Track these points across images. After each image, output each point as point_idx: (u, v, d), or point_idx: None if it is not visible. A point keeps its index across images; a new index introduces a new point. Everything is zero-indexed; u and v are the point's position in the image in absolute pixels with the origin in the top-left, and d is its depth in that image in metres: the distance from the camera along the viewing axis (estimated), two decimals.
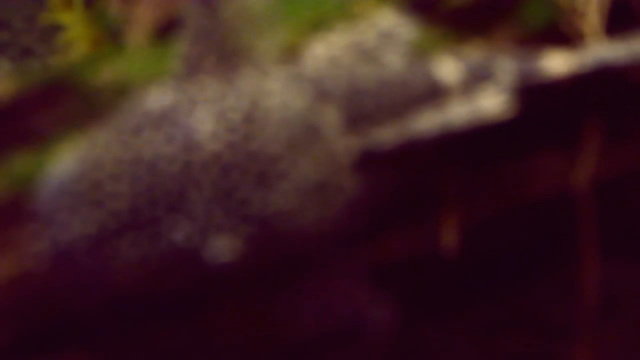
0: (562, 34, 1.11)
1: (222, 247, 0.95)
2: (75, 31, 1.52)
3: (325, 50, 1.02)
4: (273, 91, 0.99)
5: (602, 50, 1.06)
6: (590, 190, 1.11)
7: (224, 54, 1.01)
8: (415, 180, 1.05)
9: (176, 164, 0.96)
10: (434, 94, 1.02)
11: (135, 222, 0.96)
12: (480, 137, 1.02)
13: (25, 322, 1.04)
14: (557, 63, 1.05)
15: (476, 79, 1.03)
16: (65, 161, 0.98)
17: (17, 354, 1.05)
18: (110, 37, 1.44)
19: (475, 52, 1.05)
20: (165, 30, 1.20)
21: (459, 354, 1.14)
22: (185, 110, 0.98)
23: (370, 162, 1.00)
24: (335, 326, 1.03)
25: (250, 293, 1.00)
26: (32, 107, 1.07)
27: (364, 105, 1.01)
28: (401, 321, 1.11)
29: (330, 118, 1.00)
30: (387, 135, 1.01)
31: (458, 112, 1.02)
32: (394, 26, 1.04)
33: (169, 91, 1.00)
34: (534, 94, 1.06)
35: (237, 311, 1.03)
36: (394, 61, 1.03)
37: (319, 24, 1.07)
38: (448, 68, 1.03)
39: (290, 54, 1.03)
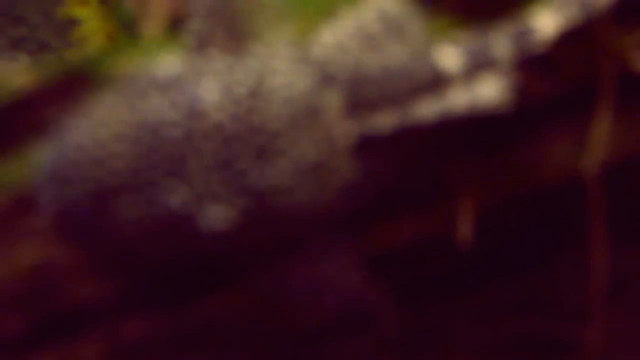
0: None
1: (217, 216, 0.95)
2: (91, 25, 1.54)
3: (332, 36, 1.03)
4: (279, 70, 0.99)
5: None
6: (600, 175, 1.11)
7: (233, 31, 1.01)
8: (414, 166, 1.06)
9: (179, 130, 0.96)
10: (437, 81, 1.02)
11: (134, 183, 0.96)
12: (481, 123, 1.03)
13: (42, 307, 1.06)
14: (546, 23, 1.04)
15: (476, 65, 1.03)
16: (74, 120, 0.99)
17: (33, 340, 1.07)
18: (125, 30, 1.46)
19: (472, 37, 1.05)
20: (178, 22, 1.21)
21: (469, 336, 1.15)
22: (192, 80, 0.98)
23: (368, 146, 1.01)
24: (325, 306, 1.04)
25: (241, 264, 1.01)
26: (51, 98, 1.08)
27: (366, 91, 1.01)
28: (408, 304, 1.12)
29: (333, 101, 1.00)
30: (386, 120, 1.01)
31: (458, 99, 1.02)
32: (399, 14, 1.04)
33: (178, 61, 1.01)
34: (534, 67, 1.07)
35: (229, 284, 1.04)
36: (398, 49, 1.03)
37: (329, 10, 1.07)
38: (450, 56, 1.03)
39: (300, 37, 1.04)
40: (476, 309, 1.15)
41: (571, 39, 1.06)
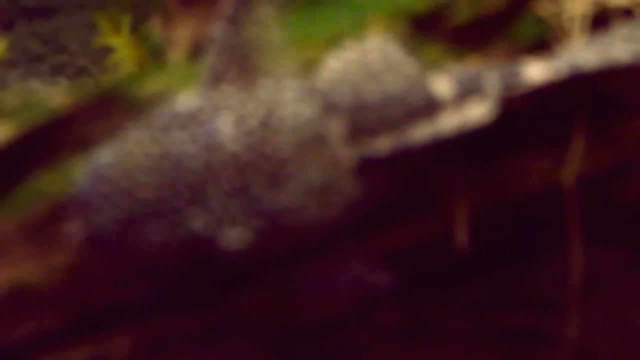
0: (551, 50, 1.15)
1: (235, 237, 1.00)
2: (123, 52, 1.59)
3: (335, 67, 1.08)
4: (286, 101, 1.04)
5: (574, 55, 1.11)
6: (576, 186, 1.17)
7: (245, 66, 1.05)
8: (409, 183, 1.10)
9: (198, 161, 1.00)
10: (430, 108, 1.07)
11: (160, 210, 1.00)
12: (469, 142, 1.08)
13: (77, 305, 1.12)
14: (535, 72, 1.10)
15: (466, 92, 1.07)
16: (104, 153, 1.03)
17: (70, 336, 1.13)
18: (153, 56, 1.51)
19: (465, 68, 1.10)
20: (201, 49, 1.24)
21: (460, 328, 1.21)
22: (209, 114, 1.02)
23: (369, 167, 1.06)
24: (337, 293, 1.08)
25: (259, 277, 1.07)
26: (86, 117, 1.14)
27: (367, 118, 1.05)
28: (403, 303, 1.17)
29: (336, 128, 1.05)
30: (384, 144, 1.06)
31: (448, 122, 1.07)
32: (397, 52, 1.09)
33: (195, 97, 1.05)
34: (518, 101, 1.12)
35: (249, 294, 1.10)
36: (396, 80, 1.07)
37: (333, 43, 1.12)
38: (442, 84, 1.08)
39: (308, 68, 1.09)
40: (466, 305, 1.21)
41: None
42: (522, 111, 1.15)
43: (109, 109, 1.15)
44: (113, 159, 1.02)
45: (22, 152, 1.14)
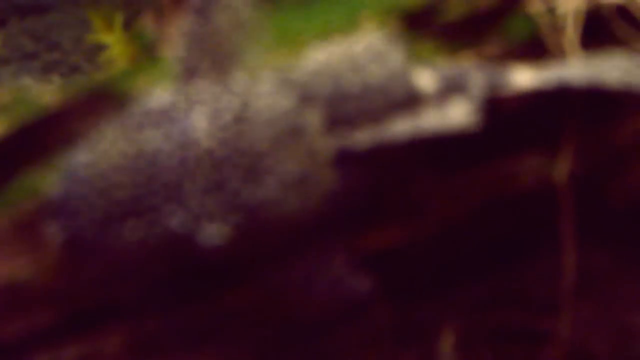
0: (543, 47, 1.16)
1: (213, 232, 1.00)
2: (116, 49, 1.58)
3: (318, 59, 1.06)
4: (262, 94, 1.02)
5: (564, 71, 1.11)
6: (569, 185, 1.17)
7: (217, 59, 1.04)
8: (387, 177, 1.10)
9: (173, 158, 0.99)
10: (411, 101, 1.06)
11: (137, 210, 0.99)
12: (453, 140, 1.07)
13: (67, 302, 1.12)
14: (522, 78, 1.10)
15: (449, 89, 1.07)
16: (79, 153, 1.02)
17: (62, 332, 1.13)
18: (146, 52, 1.50)
19: (450, 65, 1.10)
20: None
21: (454, 327, 1.20)
22: (183, 110, 1.01)
23: (347, 159, 1.04)
24: (314, 301, 1.08)
25: (238, 273, 1.06)
26: (77, 114, 1.14)
27: (345, 109, 1.04)
28: (399, 300, 1.17)
29: (314, 120, 1.04)
30: (363, 136, 1.05)
31: (429, 119, 1.05)
32: (383, 44, 1.08)
33: (168, 93, 1.04)
34: (500, 104, 1.12)
35: (226, 292, 1.10)
36: (378, 70, 1.06)
37: (326, 38, 1.12)
38: (425, 78, 1.07)
39: (285, 62, 1.08)
40: (457, 305, 1.21)
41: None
42: (511, 111, 1.15)
43: (100, 105, 1.15)
44: (88, 159, 1.01)
45: (13, 149, 1.14)
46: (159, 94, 1.05)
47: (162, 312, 1.13)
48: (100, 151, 1.01)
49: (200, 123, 1.01)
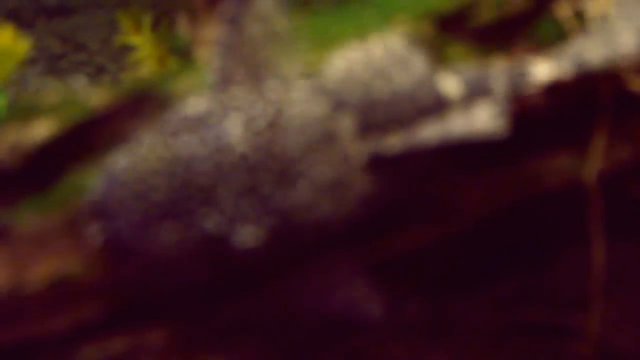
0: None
1: (247, 235, 1.03)
2: (144, 51, 1.62)
3: (342, 66, 1.08)
4: (295, 101, 1.05)
5: (581, 53, 1.11)
6: (597, 183, 1.19)
7: (251, 67, 1.06)
8: (417, 181, 1.12)
9: (209, 163, 1.02)
10: (438, 106, 1.08)
11: (174, 212, 1.02)
12: (478, 144, 1.09)
13: (113, 298, 1.14)
14: (542, 71, 1.11)
15: (474, 92, 1.09)
16: (117, 157, 1.06)
17: (109, 326, 1.16)
18: (181, 55, 1.53)
19: (474, 68, 1.11)
20: None
21: (480, 324, 1.23)
22: (218, 117, 1.04)
23: (380, 164, 1.07)
24: (330, 313, 1.10)
25: (270, 277, 1.08)
26: (122, 115, 1.17)
27: (376, 116, 1.06)
28: (427, 297, 1.20)
29: (345, 126, 1.06)
30: (395, 141, 1.07)
31: (456, 124, 1.08)
32: (404, 50, 1.09)
33: (204, 99, 1.07)
34: (528, 101, 1.14)
35: (259, 293, 1.11)
36: (404, 77, 1.08)
37: (336, 41, 1.14)
38: (450, 83, 1.09)
39: (311, 66, 1.10)
40: (487, 302, 1.23)
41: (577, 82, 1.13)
42: (536, 110, 1.17)
43: (144, 107, 1.17)
44: (126, 163, 1.04)
45: (62, 148, 1.17)
46: (195, 101, 1.07)
47: (201, 309, 1.15)
48: (139, 156, 1.04)
49: (235, 129, 1.03)
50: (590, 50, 1.13)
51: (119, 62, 1.80)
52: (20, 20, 1.85)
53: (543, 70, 1.12)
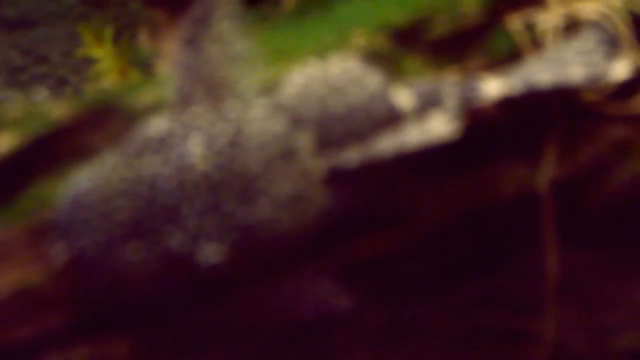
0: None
1: (211, 252, 1.04)
2: (106, 63, 1.64)
3: (299, 82, 1.11)
4: (254, 119, 1.07)
5: (530, 74, 1.15)
6: (550, 190, 1.21)
7: (210, 87, 1.08)
8: (375, 192, 1.14)
9: (172, 182, 1.04)
10: (393, 119, 1.10)
11: (138, 231, 1.03)
12: (436, 153, 1.11)
13: (77, 308, 1.15)
14: (491, 88, 1.14)
15: (426, 104, 1.11)
16: (81, 178, 1.07)
17: (71, 335, 1.16)
18: (143, 68, 1.55)
19: (425, 81, 1.14)
20: None
21: (441, 328, 1.24)
22: (179, 137, 1.06)
23: (338, 178, 1.09)
24: (302, 314, 1.12)
25: (234, 288, 1.10)
26: (85, 127, 1.18)
27: (333, 130, 1.09)
28: (389, 303, 1.22)
29: (304, 142, 1.08)
30: (352, 155, 1.09)
31: (411, 134, 1.10)
32: (359, 69, 1.12)
33: (166, 120, 1.08)
34: (476, 114, 1.16)
35: (224, 304, 1.13)
36: (359, 93, 1.11)
37: (318, 55, 1.15)
38: (403, 96, 1.11)
39: (268, 83, 1.12)
40: (446, 306, 1.25)
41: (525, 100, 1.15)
42: (489, 119, 1.19)
43: (107, 120, 1.18)
44: (90, 184, 1.06)
45: (24, 160, 1.18)
46: (157, 121, 1.08)
47: (165, 319, 1.17)
48: (102, 176, 1.06)
49: (196, 148, 1.05)
50: (541, 75, 1.15)
51: (81, 74, 1.80)
52: None
53: (493, 87, 1.15)
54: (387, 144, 1.10)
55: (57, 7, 1.86)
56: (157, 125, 1.08)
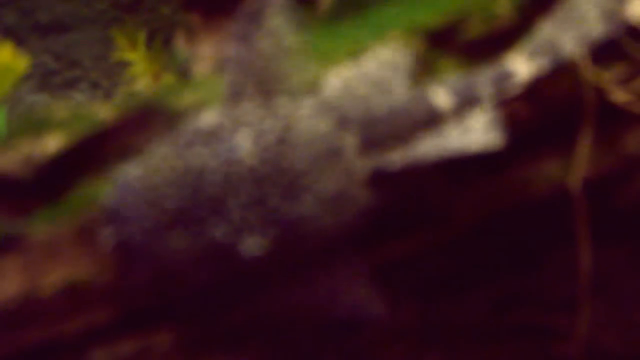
0: None
1: (253, 244, 1.06)
2: (139, 67, 1.65)
3: (341, 82, 1.12)
4: (302, 117, 1.09)
5: (552, 43, 1.13)
6: (582, 190, 1.22)
7: (262, 82, 1.10)
8: (415, 194, 1.16)
9: (219, 174, 1.06)
10: (432, 119, 1.12)
11: (184, 220, 1.05)
12: (478, 157, 1.12)
13: (123, 302, 1.17)
14: (521, 68, 1.13)
15: (464, 101, 1.12)
16: (132, 167, 1.09)
17: (115, 332, 1.19)
18: (180, 71, 1.55)
19: (457, 79, 1.13)
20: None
21: (473, 327, 1.26)
22: (229, 131, 1.08)
23: (380, 180, 1.10)
24: (337, 314, 1.13)
25: (273, 284, 1.12)
26: (130, 128, 1.20)
27: (375, 131, 1.11)
28: (422, 302, 1.23)
29: (349, 141, 1.10)
30: (394, 157, 1.11)
31: (452, 137, 1.11)
32: (392, 55, 1.14)
33: (216, 113, 1.10)
34: (515, 103, 1.16)
35: (263, 300, 1.14)
36: (399, 88, 1.12)
37: (354, 57, 1.17)
38: (440, 95, 1.12)
39: (313, 84, 1.13)
40: (480, 305, 1.26)
41: (556, 76, 1.16)
42: (521, 117, 1.20)
43: (151, 121, 1.21)
44: (140, 172, 1.08)
45: (72, 160, 1.20)
46: (207, 114, 1.11)
47: (207, 313, 1.19)
48: (152, 165, 1.08)
49: (244, 143, 1.07)
50: (561, 37, 1.14)
51: (114, 78, 1.81)
52: (15, 37, 1.86)
53: (522, 67, 1.14)
54: (429, 146, 1.11)
55: (90, 11, 1.86)
56: (208, 118, 1.10)
